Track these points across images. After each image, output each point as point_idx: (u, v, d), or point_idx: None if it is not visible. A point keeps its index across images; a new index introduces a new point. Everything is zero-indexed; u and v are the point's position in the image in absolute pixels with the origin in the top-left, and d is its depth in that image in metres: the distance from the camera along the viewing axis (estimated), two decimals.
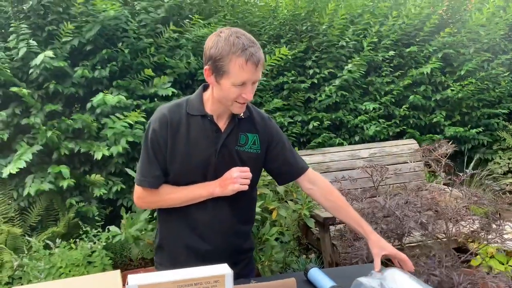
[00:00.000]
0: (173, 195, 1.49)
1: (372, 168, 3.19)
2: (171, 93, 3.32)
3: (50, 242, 2.78)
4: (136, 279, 1.05)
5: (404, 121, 4.39)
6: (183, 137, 1.47)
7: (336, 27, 4.11)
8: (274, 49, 3.95)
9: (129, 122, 3.09)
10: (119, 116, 3.10)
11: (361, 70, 4.12)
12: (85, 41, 3.24)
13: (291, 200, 3.09)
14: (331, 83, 4.09)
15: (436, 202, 2.71)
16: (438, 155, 3.08)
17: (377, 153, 3.89)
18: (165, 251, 1.60)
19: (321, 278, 1.43)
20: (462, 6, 4.74)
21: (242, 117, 1.53)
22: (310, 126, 4.00)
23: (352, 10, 4.37)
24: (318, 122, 4.01)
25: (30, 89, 3.15)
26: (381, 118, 4.25)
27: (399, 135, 4.37)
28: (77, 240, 2.85)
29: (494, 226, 2.50)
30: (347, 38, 4.18)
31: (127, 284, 1.03)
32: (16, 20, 3.26)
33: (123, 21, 3.30)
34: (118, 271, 1.22)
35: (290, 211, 2.93)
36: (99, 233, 2.90)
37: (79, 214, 3.14)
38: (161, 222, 1.61)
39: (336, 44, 4.18)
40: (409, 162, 3.79)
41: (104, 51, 3.23)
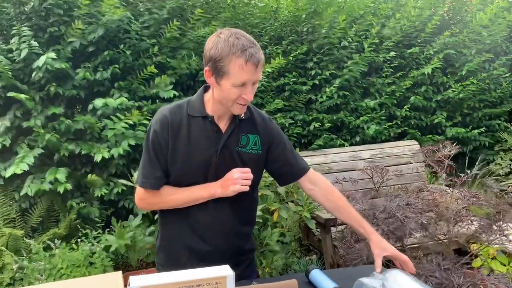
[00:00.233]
0: (175, 196, 1.49)
1: (373, 170, 3.19)
2: (173, 96, 3.32)
3: (51, 243, 2.78)
4: (138, 281, 1.05)
5: (406, 122, 4.38)
6: (184, 138, 1.47)
7: (337, 29, 4.10)
8: (275, 51, 3.95)
9: (130, 123, 3.09)
10: (120, 117, 3.10)
11: (361, 68, 4.11)
12: (87, 43, 3.25)
13: (292, 202, 3.09)
14: (332, 84, 4.09)
15: (437, 204, 2.70)
16: (441, 156, 3.07)
17: (378, 154, 3.89)
18: (167, 252, 1.60)
19: (323, 280, 1.43)
20: (464, 7, 4.73)
21: (243, 118, 1.53)
22: (311, 127, 4.00)
23: (354, 12, 4.37)
24: (319, 123, 4.01)
25: (32, 91, 3.15)
26: (382, 119, 4.24)
27: (400, 136, 4.36)
28: (78, 241, 2.85)
29: (495, 227, 2.50)
30: (350, 39, 4.18)
31: (129, 286, 1.03)
32: (18, 22, 3.27)
33: (125, 22, 3.31)
34: (120, 273, 1.22)
35: (291, 213, 2.93)
36: (100, 235, 2.90)
37: (81, 216, 3.14)
38: (163, 223, 1.61)
39: (337, 46, 4.18)
40: (412, 163, 3.78)
41: (106, 53, 3.24)
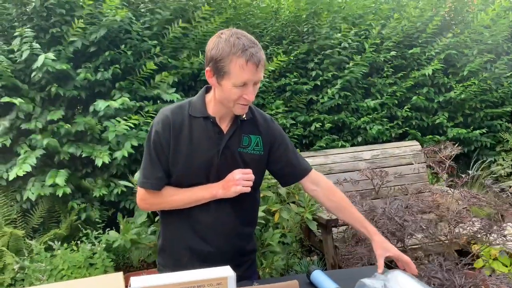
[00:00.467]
0: (176, 197, 1.49)
1: (372, 172, 3.17)
2: (176, 99, 3.31)
3: (53, 244, 2.78)
4: (139, 282, 1.05)
5: (407, 123, 4.37)
6: (186, 139, 1.47)
7: (338, 30, 4.10)
8: (276, 51, 3.94)
9: (131, 126, 3.09)
10: (119, 120, 3.10)
11: (363, 70, 4.11)
12: (89, 43, 3.25)
13: (293, 203, 3.08)
14: (334, 84, 4.08)
15: (437, 205, 2.70)
16: (442, 157, 3.06)
17: (380, 155, 3.88)
18: (168, 253, 1.60)
19: (324, 280, 1.42)
20: (465, 8, 4.73)
21: (245, 119, 1.52)
22: (312, 128, 3.99)
23: (353, 11, 4.36)
24: (320, 124, 4.01)
25: (32, 92, 3.15)
26: (384, 120, 4.24)
27: (402, 137, 4.35)
28: (79, 242, 2.85)
29: (496, 228, 2.49)
30: (350, 40, 4.18)
31: (130, 286, 1.03)
32: (19, 22, 3.27)
33: (126, 23, 3.31)
34: (121, 273, 1.22)
35: (293, 214, 2.93)
36: (101, 235, 2.90)
37: (81, 216, 3.14)
38: (164, 224, 1.61)
39: (338, 46, 4.18)
40: (413, 164, 3.77)
41: (107, 53, 3.23)
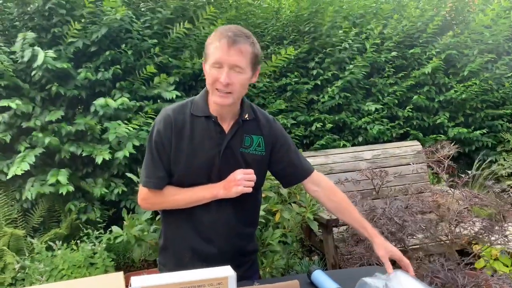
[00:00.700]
0: (177, 197, 1.49)
1: (372, 173, 3.16)
2: (175, 96, 3.31)
3: (53, 244, 2.78)
4: (140, 281, 1.05)
5: (408, 123, 4.37)
6: (187, 138, 1.47)
7: (340, 29, 4.10)
8: (278, 50, 3.94)
9: (133, 127, 3.09)
10: (120, 123, 3.09)
11: (363, 71, 4.11)
12: (90, 43, 3.24)
13: (295, 203, 3.08)
14: (334, 84, 4.08)
15: (438, 205, 2.69)
16: (441, 157, 3.06)
17: (380, 155, 3.88)
18: (169, 252, 1.60)
19: (325, 280, 1.42)
20: (466, 8, 4.72)
21: (247, 119, 1.52)
22: (313, 128, 3.99)
23: (354, 11, 4.35)
24: (321, 124, 4.01)
25: (33, 91, 3.15)
26: (385, 120, 4.23)
27: (403, 137, 4.35)
28: (79, 242, 2.84)
29: (497, 228, 2.49)
30: (350, 40, 4.17)
31: (131, 286, 1.03)
32: (20, 22, 3.27)
33: (127, 22, 3.31)
34: (121, 273, 1.22)
35: (294, 214, 2.92)
36: (101, 235, 2.90)
37: (82, 218, 3.13)
38: (165, 223, 1.61)
39: (339, 46, 4.18)
40: (412, 164, 3.76)
41: (108, 53, 3.23)
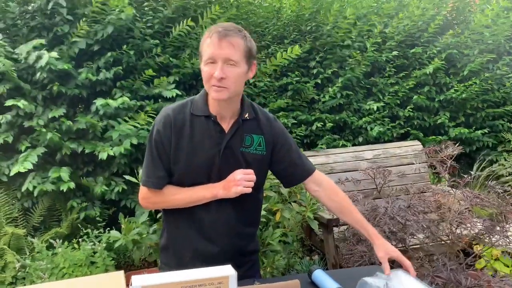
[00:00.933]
0: (177, 196, 1.49)
1: (375, 171, 3.17)
2: (175, 95, 3.32)
3: (54, 242, 2.78)
4: (140, 280, 1.05)
5: (409, 123, 4.37)
6: (187, 137, 1.47)
7: (341, 28, 4.09)
8: (277, 51, 3.94)
9: (135, 125, 3.08)
10: (126, 119, 3.09)
11: (364, 70, 4.11)
12: (93, 42, 3.24)
13: (295, 202, 3.08)
14: (335, 83, 4.08)
15: (439, 205, 2.69)
16: (444, 157, 3.06)
17: (381, 155, 3.88)
18: (171, 252, 1.60)
19: (325, 280, 1.42)
20: (467, 7, 4.72)
21: (247, 118, 1.52)
22: (314, 127, 3.99)
23: (358, 11, 4.35)
24: (322, 123, 4.01)
25: (34, 90, 3.15)
26: (385, 119, 4.23)
27: (403, 137, 4.35)
28: (80, 241, 2.85)
29: (498, 228, 2.48)
30: (353, 37, 4.17)
31: (131, 285, 1.03)
32: (22, 20, 3.27)
33: (130, 21, 3.30)
34: (122, 272, 1.22)
35: (294, 213, 2.92)
36: (101, 234, 2.90)
37: (82, 215, 3.13)
38: (167, 223, 1.61)
39: (341, 44, 4.17)
40: (415, 164, 3.76)
41: (109, 54, 3.22)
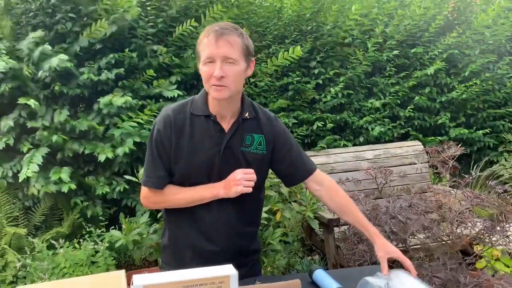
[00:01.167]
0: (178, 196, 1.49)
1: (376, 171, 3.17)
2: (177, 95, 3.32)
3: (55, 242, 2.78)
4: (141, 279, 1.05)
5: (409, 123, 4.37)
6: (187, 137, 1.47)
7: (341, 28, 4.09)
8: (278, 50, 3.93)
9: (139, 122, 3.09)
10: (130, 115, 3.09)
11: (364, 68, 4.11)
12: (95, 41, 3.24)
13: (295, 201, 3.08)
14: (336, 83, 4.08)
15: (440, 205, 2.69)
16: (445, 157, 3.06)
17: (382, 155, 3.88)
18: (172, 251, 1.60)
19: (326, 280, 1.43)
20: (468, 7, 4.71)
21: (247, 117, 1.52)
22: (314, 127, 3.99)
23: (365, 9, 4.33)
24: (322, 123, 4.00)
25: (36, 90, 3.15)
26: (386, 120, 4.23)
27: (403, 137, 4.34)
28: (81, 240, 2.85)
29: (498, 228, 2.49)
30: (354, 34, 4.17)
31: (132, 284, 1.03)
32: (24, 19, 3.27)
33: (134, 20, 3.31)
34: (123, 271, 1.22)
35: (294, 213, 2.92)
36: (103, 233, 2.91)
37: (84, 215, 3.14)
38: (168, 222, 1.61)
39: (342, 42, 4.16)
40: (417, 163, 3.76)
41: (111, 55, 3.22)
